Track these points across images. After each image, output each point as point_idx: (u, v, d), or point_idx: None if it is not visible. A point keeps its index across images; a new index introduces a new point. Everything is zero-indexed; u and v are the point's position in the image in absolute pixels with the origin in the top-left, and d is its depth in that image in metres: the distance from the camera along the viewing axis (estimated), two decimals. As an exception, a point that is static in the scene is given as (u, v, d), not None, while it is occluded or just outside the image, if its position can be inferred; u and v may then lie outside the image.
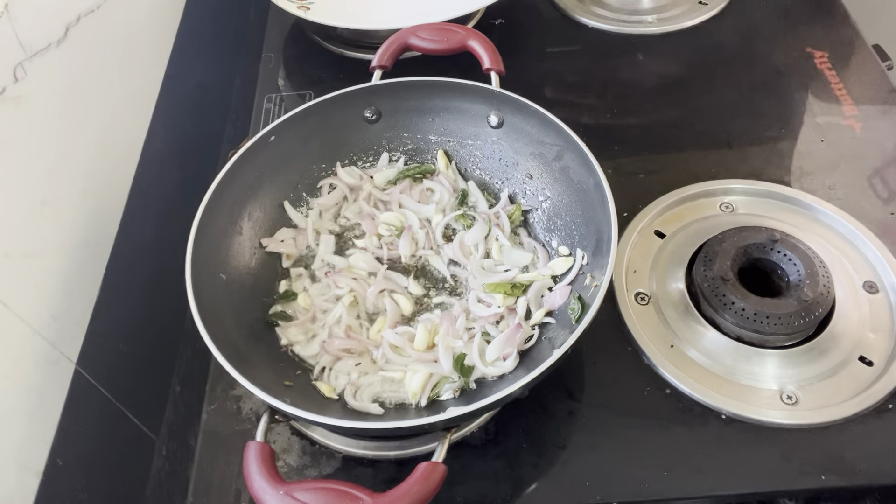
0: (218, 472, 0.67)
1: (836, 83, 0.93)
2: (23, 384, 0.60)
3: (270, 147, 0.74)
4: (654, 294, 0.74)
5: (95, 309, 0.70)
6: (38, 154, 0.66)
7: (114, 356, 0.72)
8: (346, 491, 0.51)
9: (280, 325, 0.71)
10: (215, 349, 0.58)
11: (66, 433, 0.63)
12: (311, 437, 0.68)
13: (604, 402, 0.68)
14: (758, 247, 0.72)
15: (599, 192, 0.66)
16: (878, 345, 0.69)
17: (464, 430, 0.66)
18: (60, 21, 0.70)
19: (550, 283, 0.71)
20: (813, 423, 0.65)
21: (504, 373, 0.65)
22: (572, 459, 0.65)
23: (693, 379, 0.68)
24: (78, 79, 0.72)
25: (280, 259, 0.76)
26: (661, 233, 0.79)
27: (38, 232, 0.65)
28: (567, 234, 0.74)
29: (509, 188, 0.80)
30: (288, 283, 0.74)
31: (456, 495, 0.63)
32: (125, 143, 0.82)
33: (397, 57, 0.82)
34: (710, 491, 0.62)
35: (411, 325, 0.70)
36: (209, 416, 0.70)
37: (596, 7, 1.09)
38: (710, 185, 0.82)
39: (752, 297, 0.68)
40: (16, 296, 0.60)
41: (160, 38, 0.94)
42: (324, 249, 0.76)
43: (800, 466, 0.63)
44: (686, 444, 0.65)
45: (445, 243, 0.76)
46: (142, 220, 0.80)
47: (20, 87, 0.63)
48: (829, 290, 0.69)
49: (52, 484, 0.60)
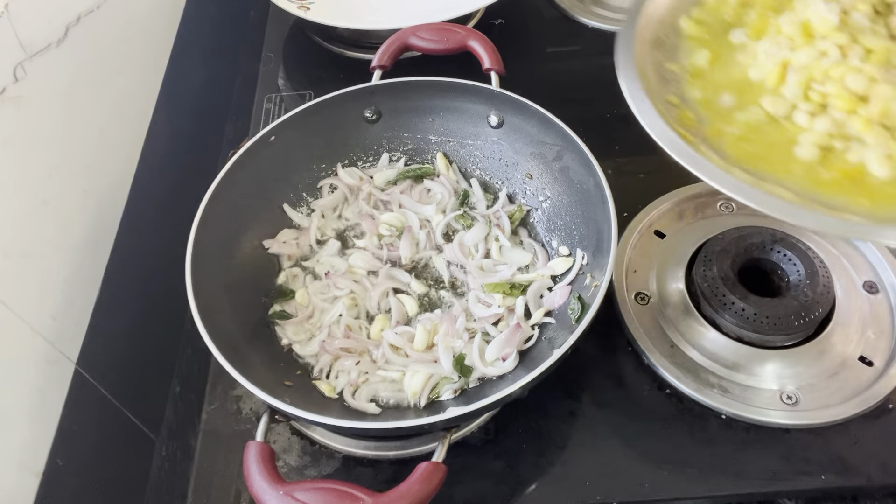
0: (218, 472, 0.67)
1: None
2: (23, 384, 0.60)
3: (270, 147, 0.74)
4: (654, 294, 0.74)
5: (95, 309, 0.70)
6: (38, 154, 0.66)
7: (114, 356, 0.72)
8: (346, 491, 0.51)
9: (279, 324, 0.71)
10: (215, 349, 0.58)
11: (66, 433, 0.63)
12: (311, 437, 0.68)
13: (604, 402, 0.68)
14: (758, 247, 0.72)
15: (599, 192, 0.66)
16: (878, 345, 0.69)
17: (464, 430, 0.66)
18: (60, 21, 0.70)
19: (550, 283, 0.71)
20: (813, 423, 0.65)
21: (504, 373, 0.65)
22: (572, 459, 0.65)
23: (693, 379, 0.68)
24: (78, 79, 0.72)
25: (280, 259, 0.76)
26: (661, 233, 0.79)
27: (38, 232, 0.65)
28: (567, 234, 0.74)
29: (509, 188, 0.80)
30: (286, 280, 0.75)
31: (456, 495, 0.63)
32: (125, 143, 0.82)
33: (397, 57, 0.82)
34: (710, 491, 0.62)
35: (411, 324, 0.70)
36: (209, 416, 0.70)
37: (596, 7, 1.09)
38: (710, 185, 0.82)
39: (752, 297, 0.68)
40: (16, 296, 0.60)
41: (160, 38, 0.94)
42: (327, 252, 0.76)
43: (800, 466, 0.63)
44: (686, 444, 0.65)
45: (446, 243, 0.76)
46: (142, 220, 0.80)
47: (20, 87, 0.63)
48: (829, 290, 0.69)
49: (52, 484, 0.60)
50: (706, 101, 0.60)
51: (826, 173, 0.54)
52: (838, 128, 0.55)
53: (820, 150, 0.55)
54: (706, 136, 0.58)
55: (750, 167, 0.55)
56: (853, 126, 0.54)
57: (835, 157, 0.55)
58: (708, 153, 0.55)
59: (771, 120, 0.58)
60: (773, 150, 0.56)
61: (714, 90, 0.61)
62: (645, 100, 0.57)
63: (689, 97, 0.61)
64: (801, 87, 0.56)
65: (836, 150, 0.55)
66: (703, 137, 0.57)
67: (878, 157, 0.52)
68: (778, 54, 0.59)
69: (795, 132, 0.56)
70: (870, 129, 0.53)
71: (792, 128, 0.56)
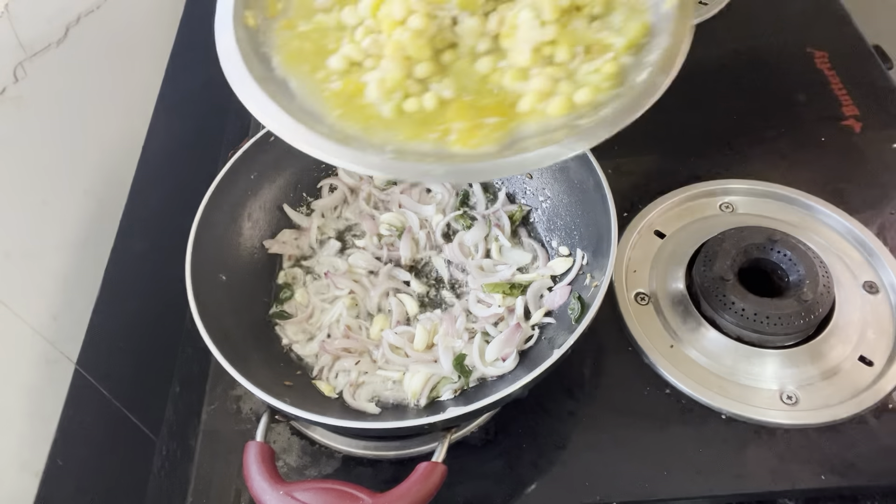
0: (218, 472, 0.67)
1: (836, 83, 0.93)
2: (23, 384, 0.60)
3: (270, 147, 0.74)
4: (654, 294, 0.74)
5: (95, 309, 0.70)
6: (38, 154, 0.66)
7: (114, 356, 0.72)
8: (346, 491, 0.51)
9: (279, 324, 0.71)
10: (215, 349, 0.58)
11: (66, 433, 0.63)
12: (311, 437, 0.68)
13: (604, 402, 0.68)
14: (758, 247, 0.72)
15: (599, 192, 0.66)
16: (878, 345, 0.69)
17: (464, 430, 0.66)
18: (60, 21, 0.70)
19: (550, 283, 0.71)
20: (813, 423, 0.65)
21: (504, 373, 0.65)
22: (572, 459, 0.65)
23: (693, 379, 0.68)
24: (78, 79, 0.72)
25: (280, 259, 0.76)
26: (661, 233, 0.79)
27: (38, 232, 0.65)
28: (567, 234, 0.74)
29: (509, 188, 0.80)
30: (286, 280, 0.75)
31: (456, 495, 0.63)
32: (125, 143, 0.82)
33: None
34: (710, 491, 0.62)
35: (411, 324, 0.70)
36: (209, 416, 0.70)
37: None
38: (710, 185, 0.82)
39: (752, 297, 0.68)
40: (16, 296, 0.60)
41: (160, 38, 0.93)
42: (327, 253, 0.76)
43: (800, 466, 0.63)
44: (686, 444, 0.65)
45: (445, 243, 0.76)
46: (142, 220, 0.80)
47: (20, 87, 0.63)
48: (829, 290, 0.69)
49: (52, 484, 0.60)
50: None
51: (334, 85, 0.53)
52: (377, 49, 0.53)
53: (348, 62, 0.54)
54: (279, 26, 0.57)
55: (290, 67, 0.54)
56: (385, 50, 0.52)
57: (355, 72, 0.53)
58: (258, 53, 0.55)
59: (339, 28, 0.56)
60: (318, 54, 0.55)
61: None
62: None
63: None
64: (372, 8, 0.54)
65: (362, 68, 0.53)
66: (272, 29, 0.57)
67: (378, 80, 0.51)
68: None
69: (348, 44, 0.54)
70: (393, 54, 0.51)
71: (350, 40, 0.55)
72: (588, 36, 0.53)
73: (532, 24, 0.51)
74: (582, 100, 0.50)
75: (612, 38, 0.52)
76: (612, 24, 0.53)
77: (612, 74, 0.51)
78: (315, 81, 0.54)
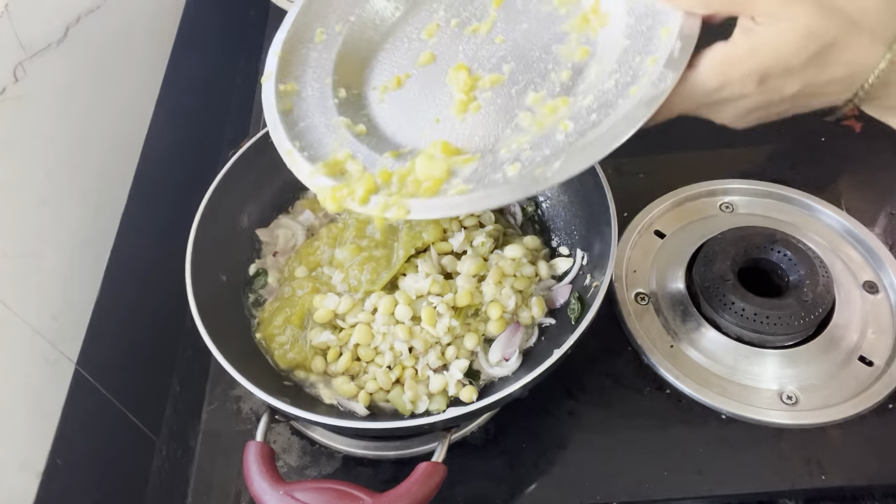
0: (218, 472, 0.67)
1: (836, 83, 0.93)
2: (23, 384, 0.60)
3: (270, 147, 0.74)
4: (654, 294, 0.74)
5: (95, 309, 0.70)
6: (38, 154, 0.66)
7: (114, 356, 0.72)
8: (346, 491, 0.51)
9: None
10: (215, 349, 0.58)
11: (66, 433, 0.63)
12: (311, 437, 0.68)
13: (604, 402, 0.68)
14: (758, 247, 0.72)
15: (599, 191, 0.66)
16: (878, 345, 0.69)
17: (464, 430, 0.66)
18: (60, 21, 0.70)
19: (550, 283, 0.71)
20: (813, 423, 0.65)
21: (508, 374, 0.65)
22: (572, 459, 0.65)
23: (693, 379, 0.68)
24: (78, 79, 0.72)
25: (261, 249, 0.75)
26: (661, 233, 0.79)
27: (38, 232, 0.65)
28: (567, 234, 0.74)
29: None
30: (256, 269, 0.73)
31: (456, 495, 0.63)
32: (125, 142, 0.82)
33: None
34: (710, 491, 0.62)
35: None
36: (209, 416, 0.70)
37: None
38: (710, 185, 0.82)
39: (752, 297, 0.68)
40: (16, 296, 0.60)
41: (160, 38, 0.93)
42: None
43: (800, 466, 0.63)
44: (686, 444, 0.65)
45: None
46: (142, 219, 0.80)
47: (20, 87, 0.63)
48: (829, 290, 0.69)
49: (52, 484, 0.60)
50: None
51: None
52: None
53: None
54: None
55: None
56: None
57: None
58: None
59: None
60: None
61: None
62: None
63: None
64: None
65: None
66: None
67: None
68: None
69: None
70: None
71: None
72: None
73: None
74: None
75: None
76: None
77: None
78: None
